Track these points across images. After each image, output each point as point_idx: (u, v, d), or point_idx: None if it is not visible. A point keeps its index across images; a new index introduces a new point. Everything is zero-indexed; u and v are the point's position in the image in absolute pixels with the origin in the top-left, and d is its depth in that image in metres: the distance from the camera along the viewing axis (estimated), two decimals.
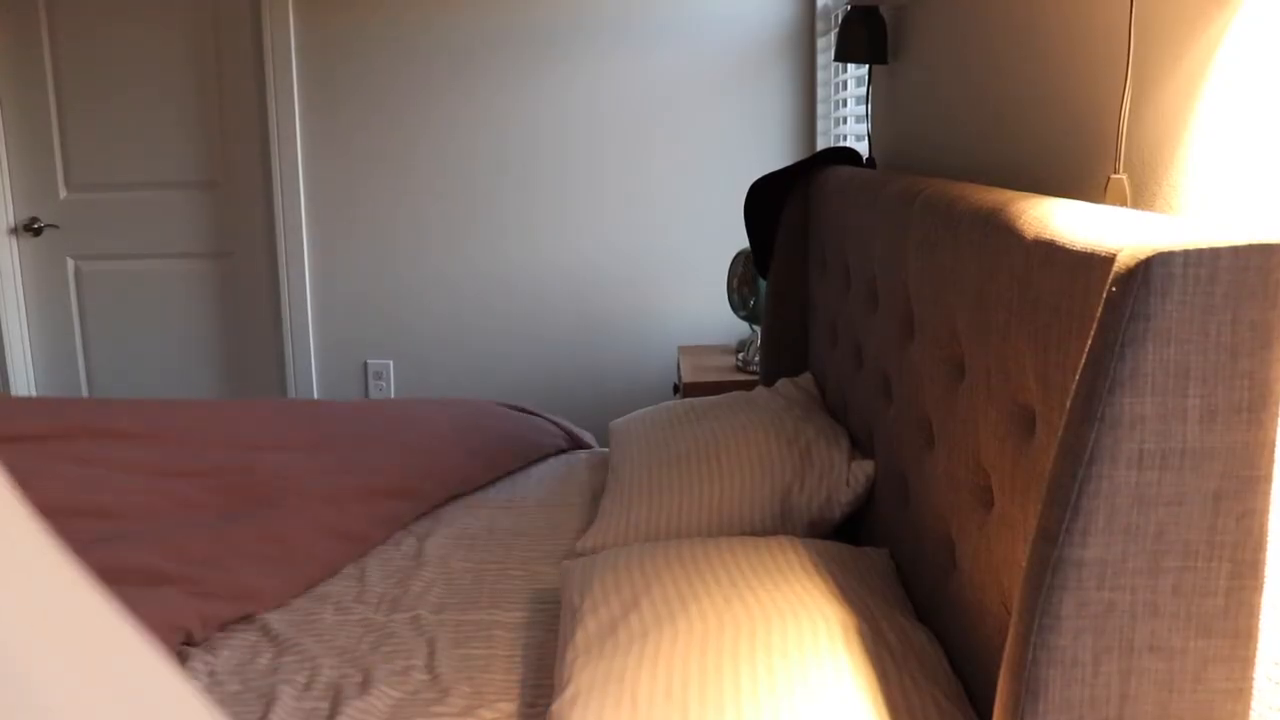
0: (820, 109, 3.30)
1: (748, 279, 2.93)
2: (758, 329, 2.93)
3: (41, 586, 0.34)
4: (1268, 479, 0.78)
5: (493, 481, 2.23)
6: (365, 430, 2.29)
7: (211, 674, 1.45)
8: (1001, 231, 1.09)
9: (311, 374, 3.53)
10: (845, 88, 3.12)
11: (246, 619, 1.62)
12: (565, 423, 2.54)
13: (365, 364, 3.54)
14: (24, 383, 3.56)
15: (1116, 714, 0.81)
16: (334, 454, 2.15)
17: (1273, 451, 0.77)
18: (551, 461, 2.36)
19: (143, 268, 3.56)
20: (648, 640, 1.19)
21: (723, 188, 3.39)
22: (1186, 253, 0.74)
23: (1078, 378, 0.80)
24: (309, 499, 1.94)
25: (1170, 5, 1.05)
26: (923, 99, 2.00)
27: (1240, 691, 0.81)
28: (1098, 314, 0.79)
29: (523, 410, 2.57)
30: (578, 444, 2.52)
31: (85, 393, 3.62)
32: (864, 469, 1.71)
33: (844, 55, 2.25)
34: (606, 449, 2.55)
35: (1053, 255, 0.95)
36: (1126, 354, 0.76)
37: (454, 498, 2.14)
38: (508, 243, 3.45)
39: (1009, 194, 1.19)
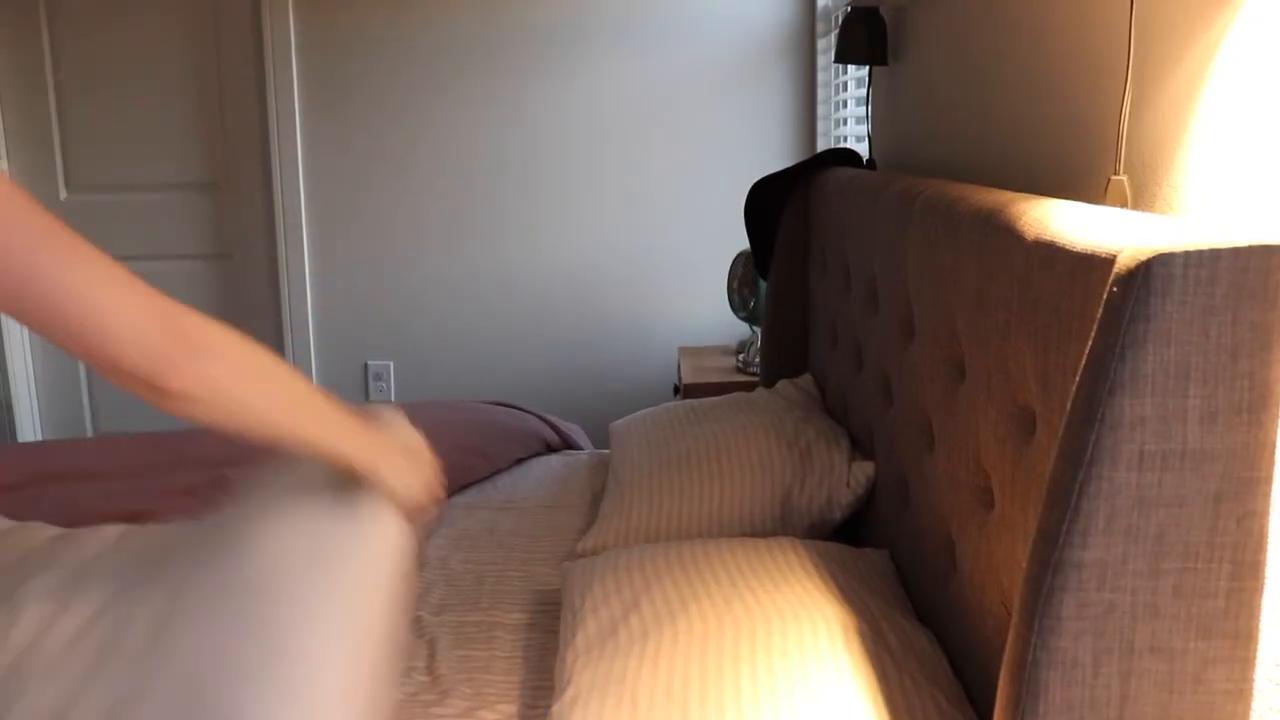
0: (820, 110, 3.30)
1: (748, 280, 2.93)
2: (758, 330, 2.93)
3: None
4: (1268, 480, 0.78)
5: (492, 480, 2.23)
6: None
7: None
8: (1002, 232, 1.09)
9: (312, 375, 3.53)
10: (845, 89, 3.12)
11: None
12: (550, 417, 2.54)
13: (365, 365, 3.54)
14: (24, 383, 3.56)
15: (1117, 715, 0.81)
16: None
17: (1273, 453, 0.77)
18: (552, 462, 2.36)
19: (143, 269, 3.50)
20: (648, 641, 1.19)
21: (723, 188, 3.38)
22: (1187, 254, 0.74)
23: (1078, 379, 0.80)
24: None
25: (1170, 5, 1.05)
26: (923, 100, 2.00)
27: (1241, 693, 0.80)
28: (1098, 315, 0.79)
29: (501, 404, 2.57)
30: (564, 438, 2.52)
31: (85, 394, 3.62)
32: (864, 470, 1.71)
33: (844, 56, 2.25)
34: (605, 449, 2.55)
35: (1053, 256, 0.95)
36: (1127, 355, 0.76)
37: (452, 495, 2.14)
38: (508, 243, 3.45)
39: (1009, 195, 1.19)
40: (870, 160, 2.40)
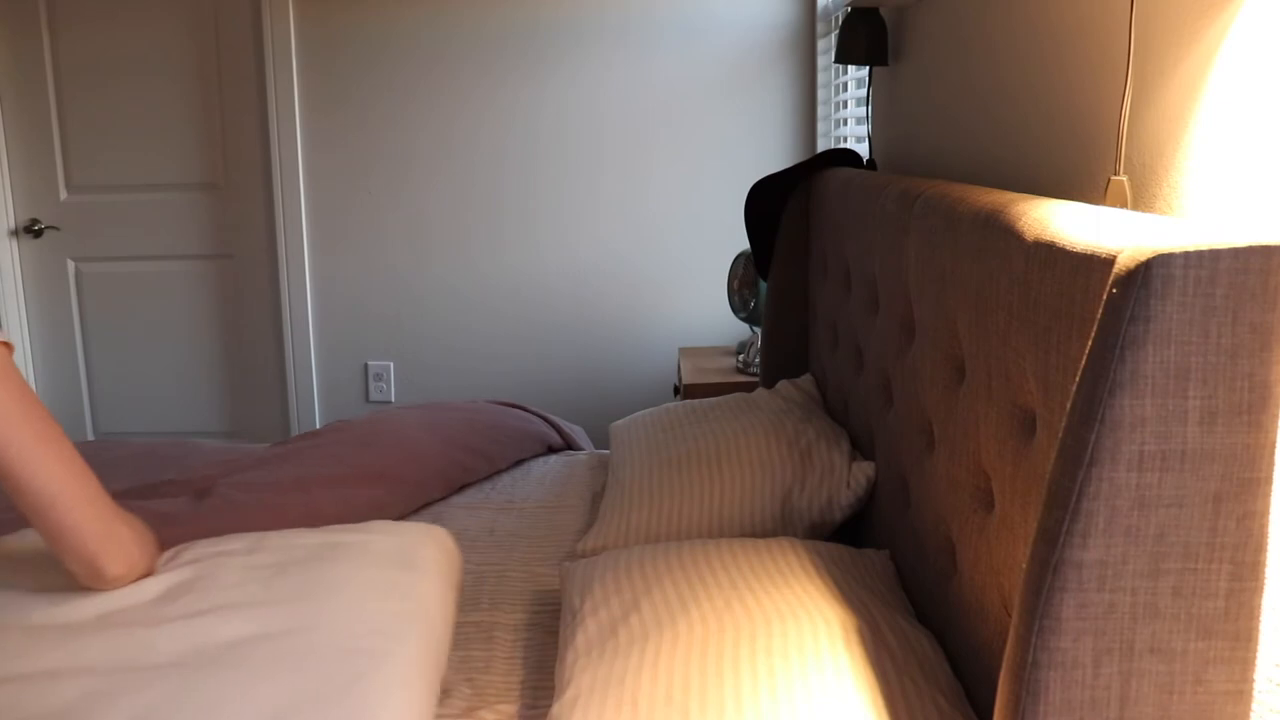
0: (821, 110, 3.30)
1: (748, 280, 2.93)
2: (758, 330, 2.93)
3: None
4: (1268, 481, 0.78)
5: (492, 480, 2.23)
6: (332, 438, 2.20)
7: None
8: (1002, 233, 1.09)
9: (312, 376, 3.53)
10: (846, 89, 3.12)
11: None
12: (554, 418, 2.54)
13: (366, 365, 3.54)
14: None
15: (1117, 716, 0.81)
16: (301, 460, 2.07)
17: (1273, 453, 0.77)
18: (552, 463, 2.36)
19: (143, 269, 3.56)
20: (648, 642, 1.19)
21: (723, 189, 3.39)
22: (1187, 254, 0.74)
23: (1078, 379, 0.80)
24: (278, 491, 1.90)
25: (1170, 5, 1.05)
26: (923, 101, 2.00)
27: (1240, 693, 0.80)
28: (1098, 316, 0.79)
29: (508, 405, 2.56)
30: (567, 440, 2.51)
31: (86, 395, 3.62)
32: (864, 471, 1.71)
33: (844, 57, 2.25)
34: (606, 449, 2.55)
35: (1053, 257, 0.95)
36: (1126, 356, 0.76)
37: (452, 495, 2.14)
38: (508, 244, 3.45)
39: (1009, 195, 1.19)
40: (870, 160, 2.40)
